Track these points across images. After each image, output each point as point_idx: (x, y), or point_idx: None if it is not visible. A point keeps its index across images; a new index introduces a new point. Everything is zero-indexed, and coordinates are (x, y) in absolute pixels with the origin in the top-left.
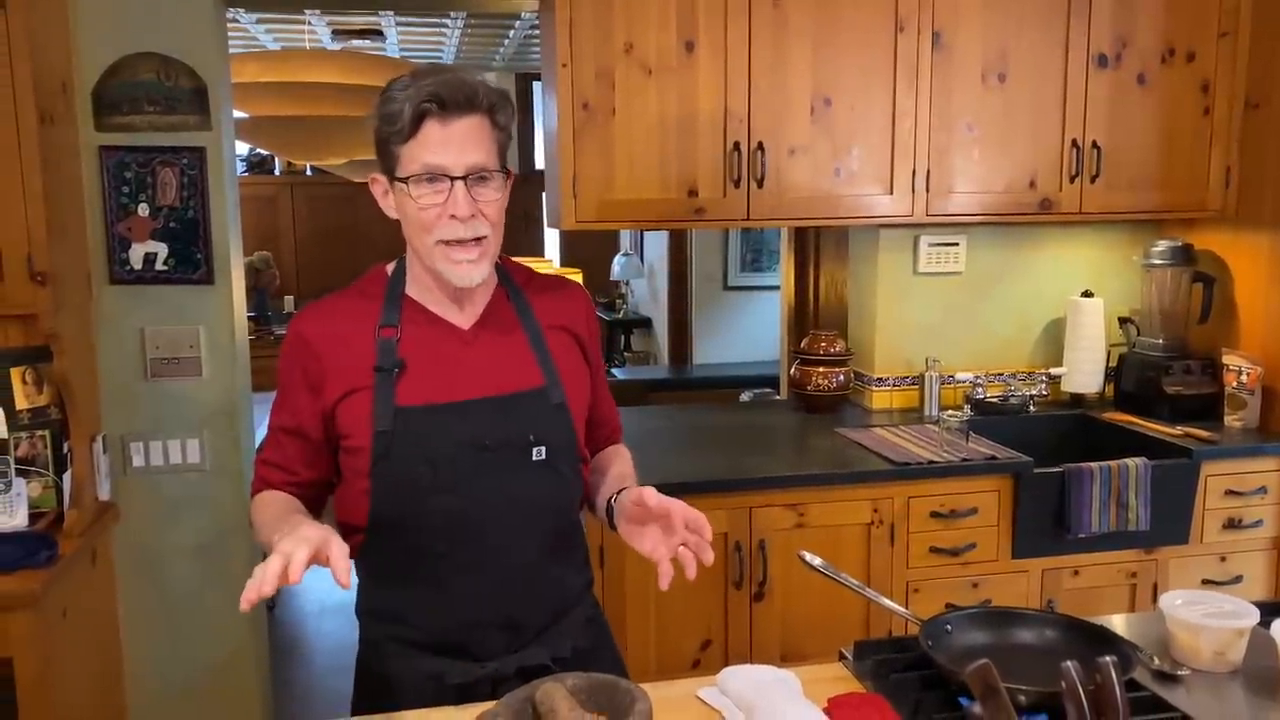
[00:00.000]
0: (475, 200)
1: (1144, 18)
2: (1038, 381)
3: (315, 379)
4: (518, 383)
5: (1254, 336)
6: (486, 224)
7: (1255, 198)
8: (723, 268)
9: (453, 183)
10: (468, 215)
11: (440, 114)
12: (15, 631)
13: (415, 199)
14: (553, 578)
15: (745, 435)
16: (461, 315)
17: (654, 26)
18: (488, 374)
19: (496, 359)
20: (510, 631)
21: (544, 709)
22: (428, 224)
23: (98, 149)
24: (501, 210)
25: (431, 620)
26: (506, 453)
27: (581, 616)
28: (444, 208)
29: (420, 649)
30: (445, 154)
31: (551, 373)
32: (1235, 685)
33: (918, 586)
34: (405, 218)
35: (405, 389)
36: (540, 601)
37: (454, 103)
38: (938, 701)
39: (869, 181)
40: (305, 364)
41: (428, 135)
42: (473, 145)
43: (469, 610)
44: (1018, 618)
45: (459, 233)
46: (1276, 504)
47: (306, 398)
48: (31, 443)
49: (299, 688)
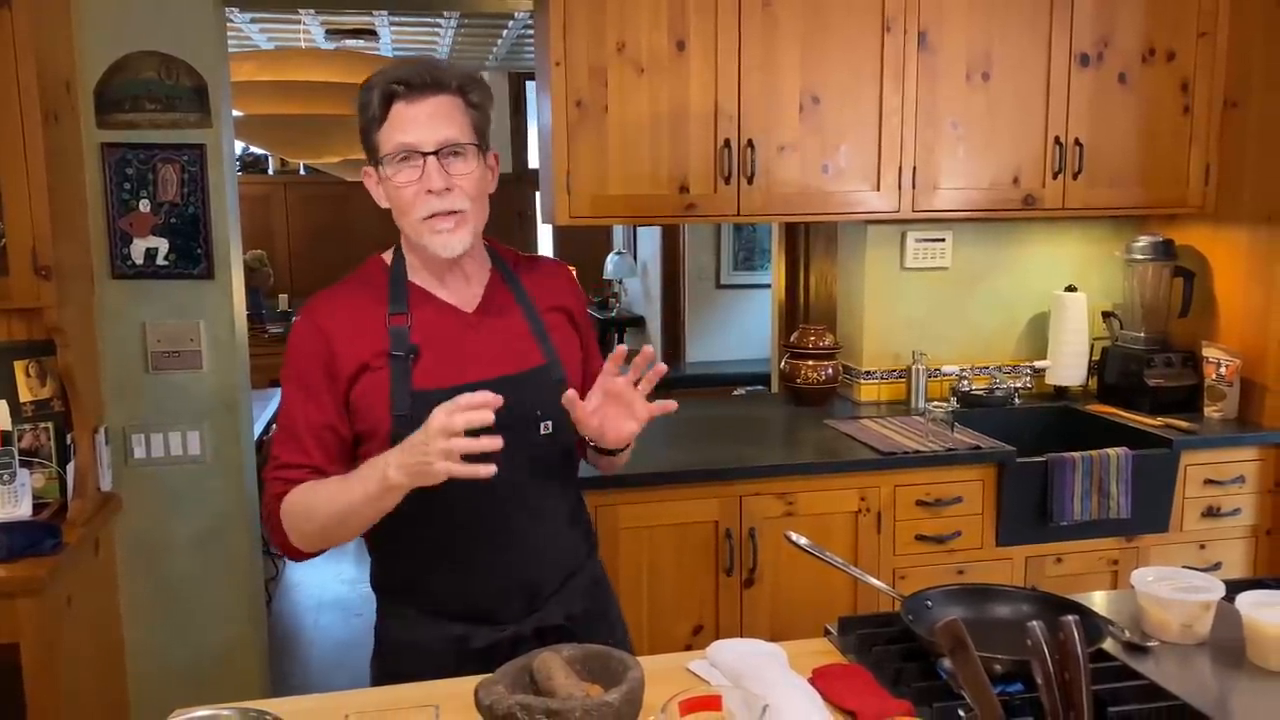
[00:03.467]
0: (449, 174)
1: (1125, 18)
2: (1022, 374)
3: (331, 368)
4: (522, 362)
5: (1233, 330)
6: (464, 197)
7: (1234, 194)
8: (715, 266)
9: (425, 158)
10: (441, 188)
11: (407, 95)
12: (21, 617)
13: (393, 179)
14: (563, 542)
15: (736, 427)
16: (463, 297)
17: (645, 26)
18: (494, 355)
19: (500, 340)
20: (528, 595)
21: (541, 677)
22: (408, 203)
23: (100, 146)
24: (480, 185)
25: (453, 590)
26: (518, 429)
27: (589, 577)
28: (420, 184)
29: (442, 617)
30: (415, 131)
31: (550, 351)
32: (1202, 656)
33: (904, 573)
34: (391, 201)
35: (420, 373)
36: (554, 565)
37: (420, 84)
38: (918, 672)
39: (856, 178)
40: (321, 355)
41: (397, 116)
42: (442, 121)
43: (490, 579)
44: (995, 593)
45: (434, 207)
46: (1254, 493)
47: (327, 389)
48: (35, 434)
49: (296, 680)
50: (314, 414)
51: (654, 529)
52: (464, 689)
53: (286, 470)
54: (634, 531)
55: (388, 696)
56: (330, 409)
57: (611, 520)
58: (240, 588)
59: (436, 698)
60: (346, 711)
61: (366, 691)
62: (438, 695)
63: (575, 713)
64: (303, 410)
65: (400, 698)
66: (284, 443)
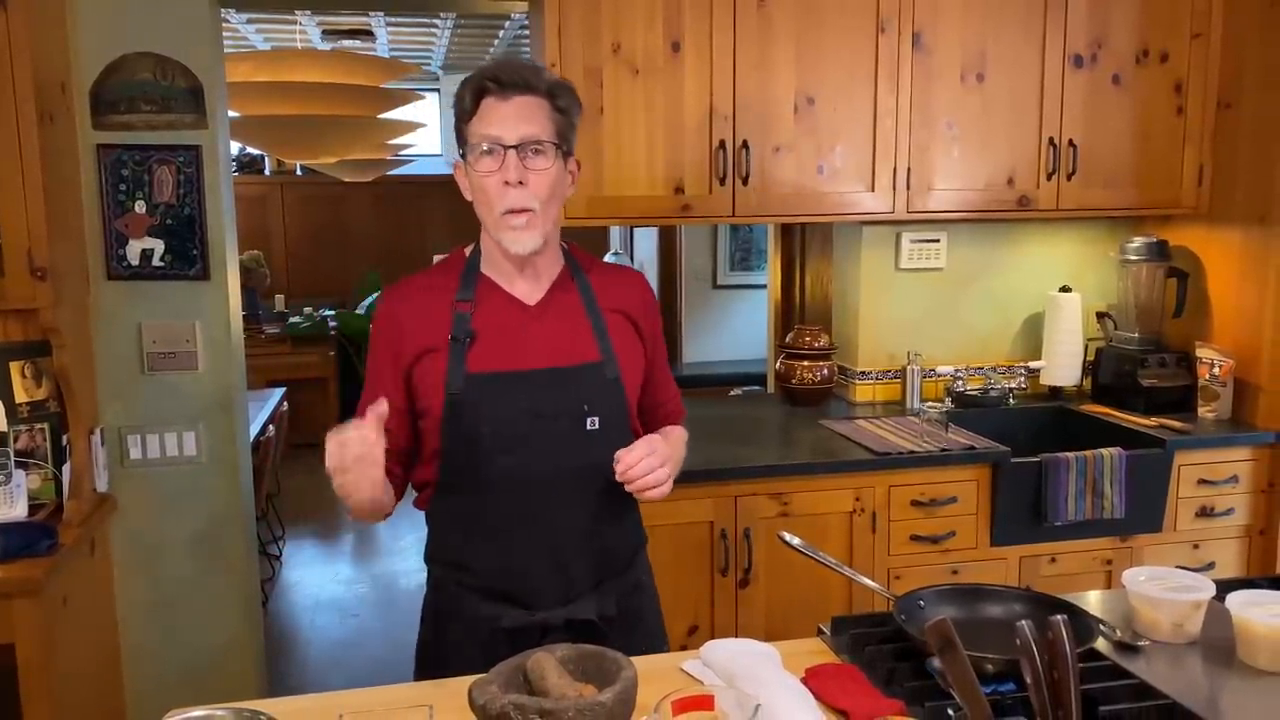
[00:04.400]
0: (527, 169)
1: (1118, 19)
2: (1017, 374)
3: (398, 349)
4: (576, 356)
5: (1226, 330)
6: (534, 197)
7: (1227, 195)
8: (712, 267)
9: (506, 151)
10: (516, 180)
11: (498, 91)
12: (17, 618)
13: (477, 169)
14: (600, 540)
15: (732, 427)
16: (529, 290)
17: (641, 27)
18: (550, 347)
19: (558, 333)
20: (560, 585)
21: (534, 677)
22: (490, 194)
23: (95, 147)
24: (554, 186)
25: (489, 568)
26: (563, 420)
27: (631, 579)
28: (499, 174)
29: (480, 594)
30: (501, 125)
31: (608, 349)
32: (1193, 655)
33: (899, 573)
34: (474, 193)
35: (476, 356)
36: (588, 561)
37: (510, 83)
38: (910, 671)
39: (851, 179)
40: (390, 338)
41: (486, 111)
42: (527, 119)
43: (522, 562)
44: (988, 593)
45: (511, 201)
46: (1248, 493)
47: (391, 374)
48: (31, 435)
49: (292, 680)
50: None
51: (649, 529)
52: (458, 689)
53: None
54: None
55: (382, 696)
56: (390, 388)
57: None
58: (236, 588)
59: (430, 697)
60: (341, 711)
61: (361, 691)
62: (431, 695)
63: (568, 712)
64: (370, 396)
65: (394, 698)
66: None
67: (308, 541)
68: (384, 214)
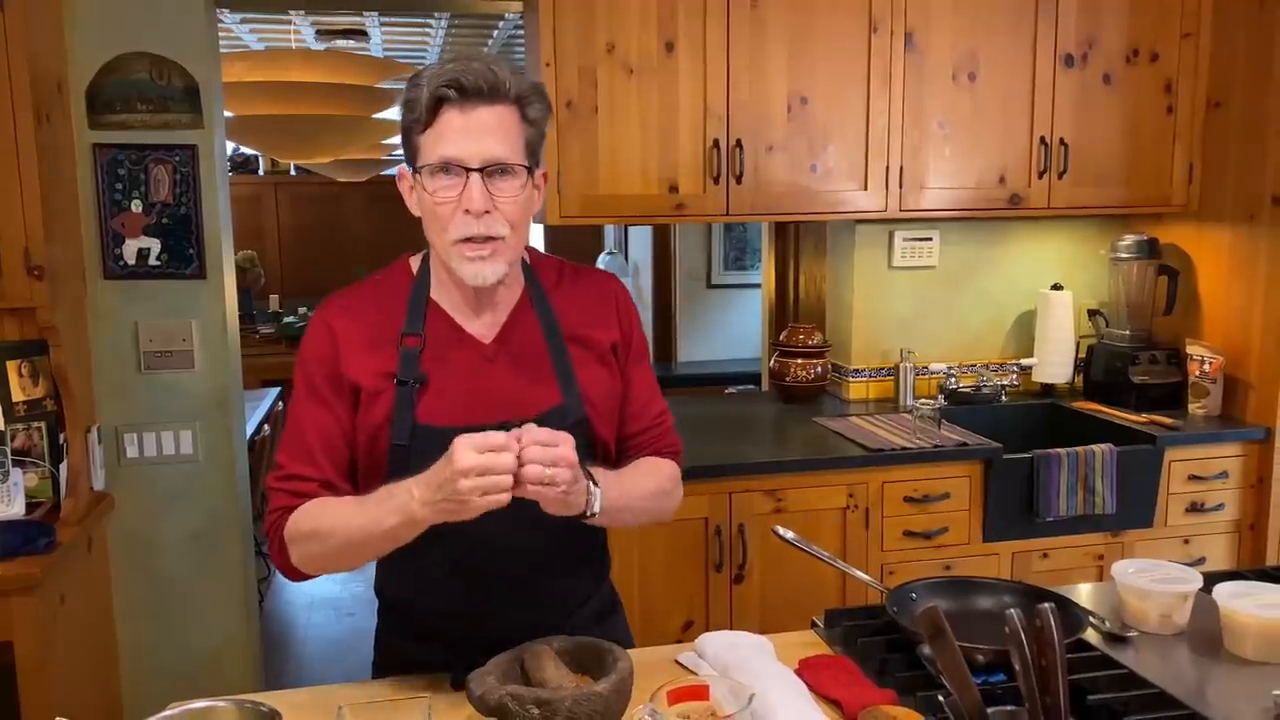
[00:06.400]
0: (492, 195)
1: (1109, 19)
2: (1009, 372)
3: (337, 375)
4: (536, 403)
5: (1216, 327)
6: (504, 223)
7: (1217, 193)
8: (706, 266)
9: (468, 175)
10: (481, 210)
11: (459, 101)
12: (15, 616)
13: (430, 192)
14: (568, 586)
15: (726, 425)
16: (483, 324)
17: (635, 27)
18: (508, 394)
19: (516, 377)
20: (519, 632)
21: (531, 668)
22: (443, 220)
23: (92, 147)
24: (524, 210)
25: (442, 617)
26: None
27: (593, 609)
28: (459, 202)
29: (433, 640)
30: (463, 144)
31: (571, 387)
32: (1180, 646)
33: (892, 569)
34: (424, 213)
35: (425, 406)
36: (556, 607)
37: (475, 90)
38: (902, 662)
39: (844, 178)
40: (329, 360)
41: (446, 124)
42: (493, 136)
43: (482, 615)
44: (979, 586)
45: (473, 229)
46: (1237, 488)
47: (335, 395)
48: (28, 434)
49: (289, 679)
50: (324, 421)
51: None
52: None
53: (293, 482)
54: (624, 529)
55: (381, 689)
56: (342, 416)
57: None
58: (233, 586)
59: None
60: (340, 704)
61: (360, 685)
62: (430, 687)
63: (565, 703)
64: (312, 417)
65: (393, 690)
66: (291, 450)
67: None
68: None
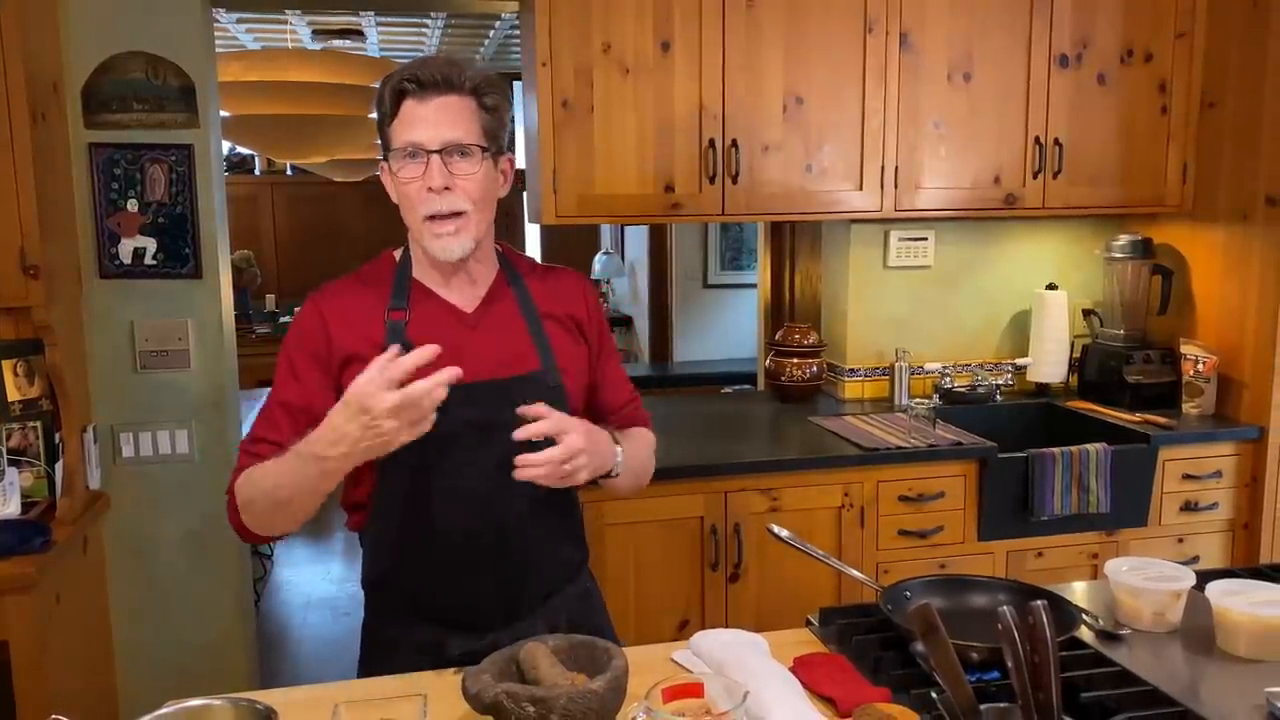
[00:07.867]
0: (452, 174)
1: (1103, 19)
2: (1004, 371)
3: (325, 356)
4: (516, 366)
5: (1210, 327)
6: (465, 199)
7: (1211, 193)
8: (703, 266)
9: (429, 156)
10: (441, 187)
11: (418, 93)
12: (10, 615)
13: (397, 175)
14: (549, 553)
15: (722, 424)
16: (464, 297)
17: (631, 27)
18: (488, 357)
19: (497, 343)
20: (508, 604)
21: (526, 666)
22: (411, 200)
23: (87, 146)
24: (485, 187)
25: (433, 592)
26: (505, 433)
27: (576, 591)
28: (422, 181)
29: (422, 619)
30: (422, 130)
31: (548, 356)
32: (1173, 644)
33: (887, 568)
34: (397, 197)
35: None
36: (537, 576)
37: (431, 82)
38: (896, 660)
39: (840, 178)
40: (315, 338)
41: (407, 114)
42: (450, 122)
43: (469, 583)
44: (973, 584)
45: (436, 206)
46: (1231, 488)
47: (317, 373)
48: (23, 433)
49: (285, 678)
50: (292, 392)
51: (640, 525)
52: (452, 680)
53: (255, 444)
54: (620, 528)
55: (376, 687)
56: (312, 390)
57: (597, 516)
58: (229, 586)
59: (424, 687)
60: (336, 702)
61: (355, 682)
62: (425, 685)
63: (560, 700)
64: (284, 386)
65: (388, 688)
66: (261, 417)
67: (299, 541)
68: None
